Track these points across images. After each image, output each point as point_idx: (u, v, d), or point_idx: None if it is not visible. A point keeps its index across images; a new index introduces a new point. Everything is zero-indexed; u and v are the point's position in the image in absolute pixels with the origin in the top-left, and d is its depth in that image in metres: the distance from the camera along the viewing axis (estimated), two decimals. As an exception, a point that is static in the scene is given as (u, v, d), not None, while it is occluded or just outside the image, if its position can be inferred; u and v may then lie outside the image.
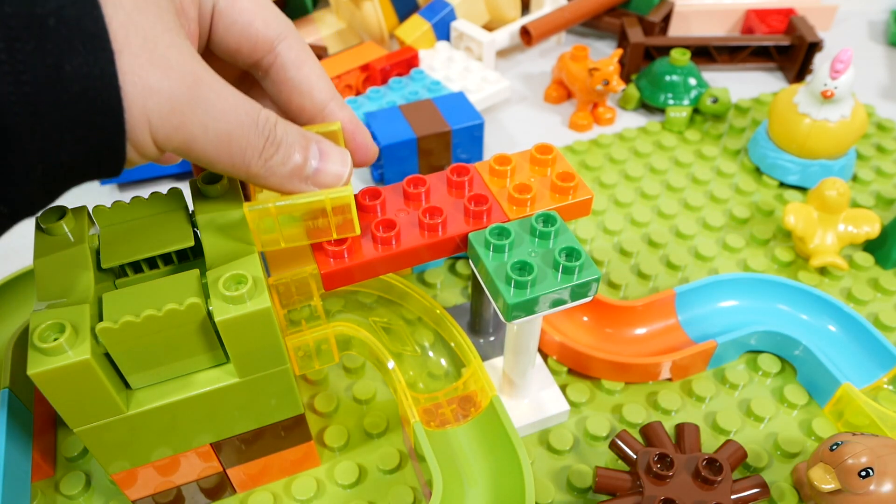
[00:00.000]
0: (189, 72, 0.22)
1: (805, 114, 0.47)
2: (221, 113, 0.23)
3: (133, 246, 0.26)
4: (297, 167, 0.26)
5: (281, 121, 0.25)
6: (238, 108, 0.23)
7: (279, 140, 0.25)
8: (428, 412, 0.34)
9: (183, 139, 0.22)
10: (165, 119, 0.21)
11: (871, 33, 0.69)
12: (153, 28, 0.21)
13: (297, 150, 0.25)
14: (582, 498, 0.34)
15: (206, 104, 0.22)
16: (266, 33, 0.27)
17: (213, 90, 0.23)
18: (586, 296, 0.29)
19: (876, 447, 0.29)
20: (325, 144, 0.27)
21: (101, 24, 0.20)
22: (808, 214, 0.43)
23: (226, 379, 0.27)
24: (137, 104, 0.21)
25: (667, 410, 0.37)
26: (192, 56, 0.22)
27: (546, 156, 0.32)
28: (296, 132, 0.26)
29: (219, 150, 0.23)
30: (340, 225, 0.28)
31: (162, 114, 0.21)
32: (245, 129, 0.23)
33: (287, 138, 0.25)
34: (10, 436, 0.31)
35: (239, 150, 0.24)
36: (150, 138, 0.22)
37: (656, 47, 0.60)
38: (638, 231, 0.48)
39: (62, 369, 0.22)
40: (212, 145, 0.23)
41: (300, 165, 0.26)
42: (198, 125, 0.22)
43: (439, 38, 0.62)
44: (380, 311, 0.39)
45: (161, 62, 0.21)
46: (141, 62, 0.21)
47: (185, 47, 0.22)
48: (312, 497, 0.33)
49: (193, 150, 0.23)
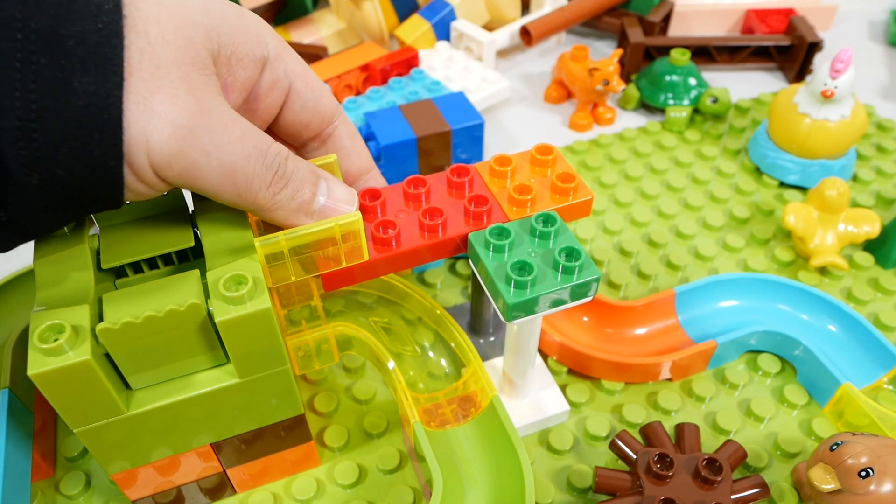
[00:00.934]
0: (196, 101, 0.22)
1: (805, 114, 0.47)
2: (227, 143, 0.23)
3: (133, 246, 0.26)
4: (305, 202, 0.26)
5: (292, 156, 0.25)
6: (246, 140, 0.23)
7: (289, 174, 0.25)
8: (428, 412, 0.34)
9: (184, 166, 0.22)
10: (165, 143, 0.21)
11: (871, 33, 0.69)
12: (172, 60, 0.22)
13: (306, 186, 0.26)
14: (582, 498, 0.34)
15: (210, 133, 0.22)
16: (330, 108, 0.29)
17: (221, 122, 0.23)
18: (586, 296, 0.29)
19: (876, 447, 0.29)
20: (333, 183, 0.27)
21: (119, 52, 0.21)
22: (808, 214, 0.43)
23: (226, 379, 0.27)
24: (137, 124, 0.21)
25: (667, 410, 0.37)
26: (207, 90, 0.23)
27: (546, 156, 0.32)
28: (306, 168, 0.26)
29: (224, 181, 0.23)
30: (349, 252, 0.28)
31: (162, 138, 0.21)
32: (252, 161, 0.24)
33: (297, 174, 0.25)
34: (10, 436, 0.31)
35: (244, 182, 0.24)
36: (148, 162, 0.21)
37: (656, 47, 0.60)
38: (638, 231, 0.48)
39: (62, 370, 0.22)
40: (216, 175, 0.23)
41: (308, 201, 0.26)
42: (200, 153, 0.22)
43: (439, 38, 0.62)
44: (380, 312, 0.39)
45: (168, 89, 0.21)
46: (148, 87, 0.21)
47: (200, 82, 0.22)
48: (312, 497, 0.33)
49: (196, 179, 0.23)
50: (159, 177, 0.22)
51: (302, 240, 0.26)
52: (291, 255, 0.26)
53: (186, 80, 0.22)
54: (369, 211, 0.30)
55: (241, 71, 0.25)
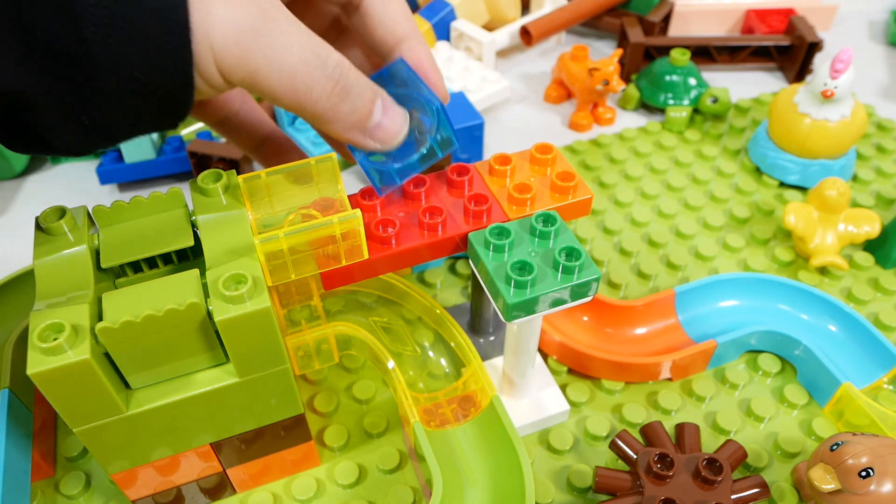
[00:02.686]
0: (257, 6, 0.23)
1: (805, 114, 0.47)
2: (285, 48, 0.23)
3: (133, 246, 0.26)
4: (362, 117, 0.26)
5: (353, 69, 0.26)
6: (304, 46, 0.24)
7: (350, 85, 0.25)
8: (428, 412, 0.34)
9: (247, 71, 0.23)
10: (228, 48, 0.22)
11: (871, 33, 0.69)
12: None
13: (365, 100, 0.26)
14: (582, 498, 0.34)
15: (269, 37, 0.23)
16: None
17: (280, 26, 0.23)
18: (586, 296, 0.29)
19: (876, 447, 0.29)
20: (388, 100, 0.27)
21: None
22: (808, 214, 0.43)
23: (226, 379, 0.27)
24: (201, 30, 0.22)
25: (667, 410, 0.37)
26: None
27: (546, 155, 0.32)
28: (365, 83, 0.26)
29: (284, 86, 0.24)
30: (349, 250, 0.28)
31: (226, 43, 0.22)
32: (311, 67, 0.24)
33: (357, 87, 0.26)
34: (10, 436, 0.31)
35: (304, 88, 0.24)
36: (215, 66, 0.22)
37: (656, 47, 0.60)
38: (638, 231, 0.48)
39: (62, 369, 0.22)
40: (276, 79, 0.23)
41: (364, 116, 0.26)
42: (261, 57, 0.23)
43: (439, 38, 0.62)
44: (380, 311, 0.39)
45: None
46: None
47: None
48: (312, 497, 0.33)
49: (259, 83, 0.23)
50: (225, 79, 0.23)
51: (301, 238, 0.26)
52: (291, 253, 0.26)
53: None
54: (369, 210, 0.30)
55: None
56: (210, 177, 0.28)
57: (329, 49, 0.25)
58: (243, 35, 0.22)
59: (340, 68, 0.25)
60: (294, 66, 0.23)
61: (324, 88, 0.24)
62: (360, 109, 0.26)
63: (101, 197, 0.50)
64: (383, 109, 0.27)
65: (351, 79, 0.25)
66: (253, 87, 0.24)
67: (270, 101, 0.24)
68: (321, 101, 0.25)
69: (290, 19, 0.24)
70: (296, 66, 0.23)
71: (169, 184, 0.51)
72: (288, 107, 0.25)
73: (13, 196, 0.50)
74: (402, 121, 0.28)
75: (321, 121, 0.25)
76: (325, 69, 0.24)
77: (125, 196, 0.50)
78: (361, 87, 0.26)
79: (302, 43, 0.24)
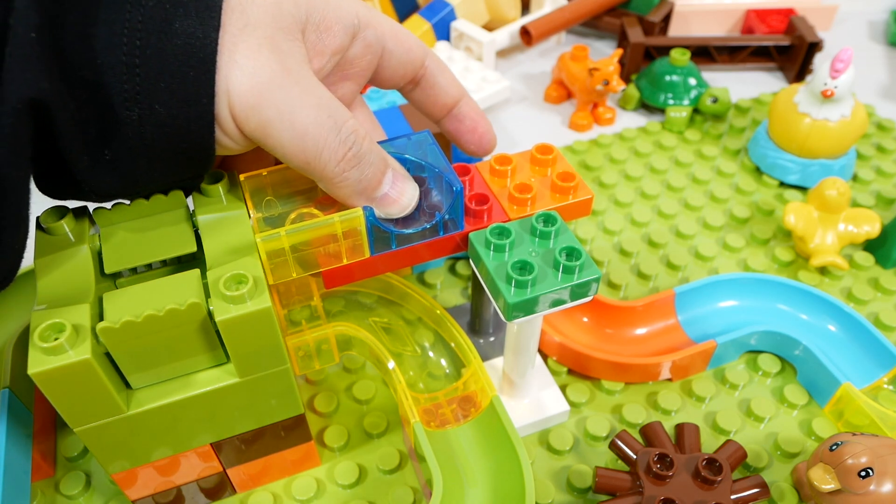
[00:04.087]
0: (278, 61, 0.23)
1: (805, 113, 0.47)
2: (301, 106, 0.23)
3: (135, 250, 0.26)
4: (370, 187, 0.26)
5: (368, 138, 0.26)
6: (321, 108, 0.24)
7: (362, 154, 0.25)
8: (428, 412, 0.34)
9: (258, 122, 0.23)
10: (243, 96, 0.22)
11: (871, 33, 0.69)
12: (261, 21, 0.23)
13: (376, 170, 0.26)
14: (582, 498, 0.34)
15: (286, 92, 0.23)
16: (419, 53, 0.29)
17: (299, 85, 0.23)
18: (586, 296, 0.29)
19: (876, 447, 0.29)
20: (399, 173, 0.27)
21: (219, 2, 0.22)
22: (808, 214, 0.43)
23: (226, 379, 0.27)
24: (222, 73, 0.22)
25: (667, 410, 0.37)
26: (290, 54, 0.24)
27: (546, 156, 0.32)
28: (378, 153, 0.26)
29: (294, 144, 0.24)
30: (350, 249, 0.28)
31: (242, 89, 0.22)
32: (324, 129, 0.24)
33: (369, 156, 0.26)
34: (10, 436, 0.31)
35: (314, 149, 0.24)
36: (229, 111, 0.23)
37: (656, 47, 0.60)
38: (638, 231, 0.48)
39: (62, 369, 0.22)
40: (286, 136, 0.23)
41: (373, 186, 0.26)
42: (274, 110, 0.23)
43: (439, 38, 0.62)
44: (380, 312, 0.39)
45: (253, 46, 0.23)
46: (235, 40, 0.22)
47: (285, 46, 0.23)
48: (312, 497, 0.33)
49: (269, 136, 0.23)
50: (239, 128, 0.23)
51: (303, 236, 0.26)
52: (292, 251, 0.26)
53: (271, 41, 0.23)
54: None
55: (329, 39, 0.26)
56: (210, 177, 0.28)
57: (347, 115, 0.25)
58: (261, 85, 0.22)
59: (355, 136, 0.25)
60: (306, 125, 0.23)
61: (335, 152, 0.24)
62: (369, 179, 0.26)
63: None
64: (392, 181, 0.27)
65: (364, 147, 0.25)
66: (264, 141, 0.24)
67: (281, 158, 0.24)
68: (330, 164, 0.25)
69: (312, 81, 0.24)
70: (308, 125, 0.23)
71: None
72: (297, 166, 0.25)
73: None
74: (411, 195, 0.28)
75: (329, 183, 0.26)
76: (338, 134, 0.24)
77: (125, 196, 0.50)
78: (374, 156, 0.26)
79: (320, 105, 0.24)
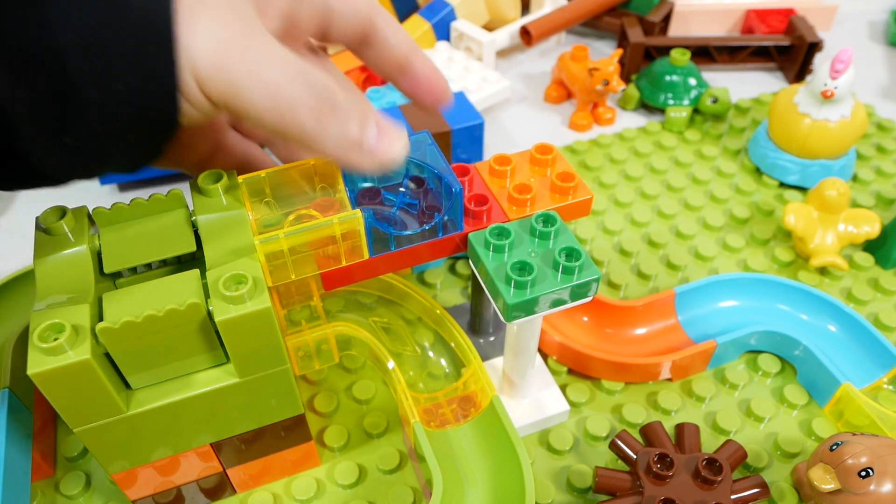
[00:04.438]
0: (240, 22, 0.22)
1: (805, 114, 0.47)
2: (270, 63, 0.23)
3: (135, 251, 0.26)
4: (356, 137, 0.25)
5: (337, 87, 0.25)
6: (289, 64, 0.23)
7: (334, 101, 0.24)
8: (428, 412, 0.34)
9: (227, 83, 0.22)
10: (208, 58, 0.22)
11: (871, 33, 0.69)
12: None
13: (354, 118, 0.25)
14: (582, 498, 0.34)
15: (254, 52, 0.22)
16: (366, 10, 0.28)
17: (264, 44, 0.23)
18: (586, 296, 0.29)
19: (876, 447, 0.29)
20: (383, 121, 0.26)
21: None
22: (808, 214, 0.43)
23: (226, 379, 0.27)
24: (184, 41, 0.21)
25: (667, 410, 0.37)
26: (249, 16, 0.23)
27: (546, 156, 0.32)
28: (356, 102, 0.25)
29: (266, 102, 0.23)
30: (349, 251, 0.28)
31: (206, 52, 0.22)
32: (295, 82, 0.23)
33: (345, 103, 0.24)
34: (10, 436, 0.31)
35: (288, 104, 0.23)
36: (193, 77, 0.22)
37: (656, 47, 0.60)
38: (638, 231, 0.48)
39: (62, 369, 0.22)
40: (258, 94, 0.23)
41: (358, 136, 0.25)
42: (243, 71, 0.22)
43: (439, 38, 0.62)
44: (380, 311, 0.39)
45: (213, 10, 0.22)
46: (194, 7, 0.22)
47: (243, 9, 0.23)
48: (312, 497, 0.33)
49: (238, 98, 0.22)
50: (205, 94, 0.22)
51: (302, 238, 0.26)
52: (291, 253, 0.26)
53: (229, 4, 0.23)
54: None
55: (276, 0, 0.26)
56: (210, 177, 0.28)
57: (315, 70, 0.24)
58: (225, 47, 0.22)
59: (327, 88, 0.24)
60: (277, 80, 0.23)
61: (308, 104, 0.23)
62: (351, 130, 0.25)
63: (101, 197, 0.50)
64: (378, 130, 0.26)
65: (339, 97, 0.24)
66: (234, 104, 0.23)
67: (252, 121, 0.23)
68: (308, 118, 0.23)
69: (273, 40, 0.23)
70: (279, 80, 0.23)
71: (169, 184, 0.50)
72: (270, 126, 0.23)
73: (13, 196, 0.50)
74: (402, 145, 0.26)
75: (312, 139, 0.24)
76: (309, 86, 0.23)
77: (125, 196, 0.50)
78: (350, 102, 0.25)
79: (286, 61, 0.23)
